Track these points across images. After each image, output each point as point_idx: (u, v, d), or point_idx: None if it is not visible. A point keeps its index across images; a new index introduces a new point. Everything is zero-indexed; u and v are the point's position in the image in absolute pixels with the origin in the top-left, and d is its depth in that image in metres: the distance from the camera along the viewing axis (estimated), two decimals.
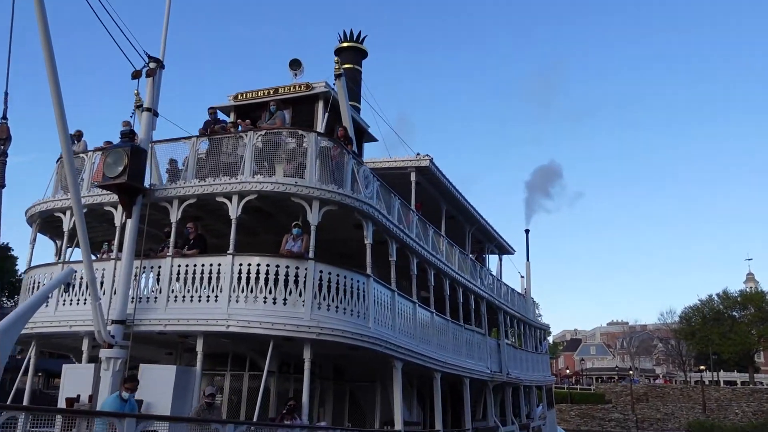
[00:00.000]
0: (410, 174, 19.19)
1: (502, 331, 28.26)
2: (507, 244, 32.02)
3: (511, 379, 26.62)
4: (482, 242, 29.30)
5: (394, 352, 14.87)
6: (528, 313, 34.81)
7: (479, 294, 23.96)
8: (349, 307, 13.55)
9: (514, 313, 30.27)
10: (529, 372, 31.75)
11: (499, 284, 29.27)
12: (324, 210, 13.67)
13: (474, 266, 24.84)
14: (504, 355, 26.78)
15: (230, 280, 13.20)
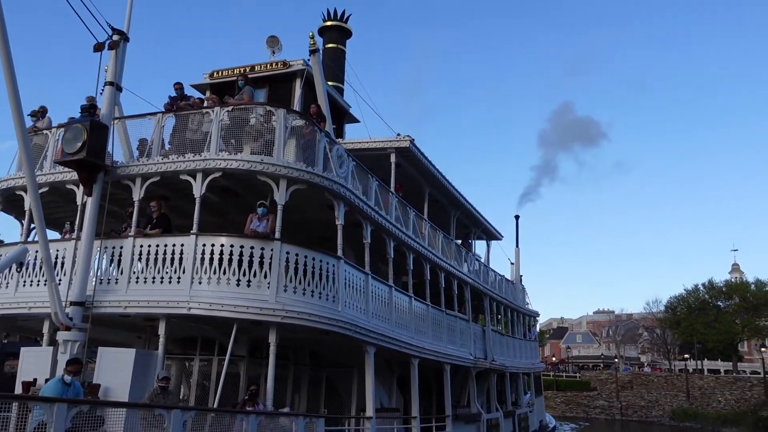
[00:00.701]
0: (390, 155, 18.31)
1: (488, 318, 27.49)
2: (494, 230, 31.18)
3: (496, 365, 25.86)
4: (468, 227, 28.47)
5: (366, 337, 14.14)
6: (516, 300, 34.05)
7: (463, 279, 23.24)
8: (318, 290, 12.80)
9: (500, 299, 29.55)
10: (516, 359, 31.05)
11: (486, 270, 28.46)
12: (292, 189, 12.90)
13: (459, 251, 24.05)
14: (489, 342, 26.05)
15: (193, 261, 12.45)
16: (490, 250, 32.79)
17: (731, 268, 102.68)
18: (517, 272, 36.88)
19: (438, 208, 23.53)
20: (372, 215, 15.11)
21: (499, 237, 32.89)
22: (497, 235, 32.52)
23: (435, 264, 20.01)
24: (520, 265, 37.33)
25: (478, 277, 26.27)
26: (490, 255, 32.79)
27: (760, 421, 41.55)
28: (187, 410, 9.23)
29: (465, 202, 24.60)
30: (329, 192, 13.49)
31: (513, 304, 32.45)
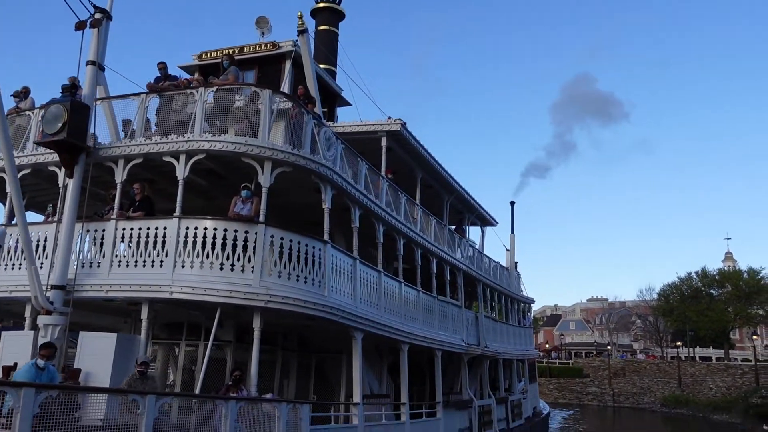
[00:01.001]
0: (381, 139, 17.93)
1: (481, 304, 27.19)
2: (488, 215, 30.72)
3: (488, 351, 25.50)
4: (462, 213, 28.04)
5: (353, 322, 13.84)
6: (511, 287, 33.68)
7: (456, 265, 22.93)
8: (303, 275, 12.48)
9: (494, 285, 29.17)
10: (510, 345, 30.67)
11: (480, 256, 28.08)
12: (277, 172, 12.54)
13: (452, 237, 23.69)
14: (482, 328, 25.73)
15: (176, 245, 12.13)
16: (484, 236, 32.53)
17: (724, 256, 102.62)
18: (512, 259, 36.42)
19: (431, 193, 23.19)
20: (360, 199, 14.76)
21: (493, 223, 32.49)
22: (492, 221, 32.11)
23: (426, 249, 19.68)
24: (515, 251, 36.99)
25: (472, 263, 25.93)
26: (484, 241, 32.52)
27: (750, 408, 41.47)
28: (163, 396, 8.88)
29: (458, 187, 24.18)
30: (316, 175, 13.13)
31: (507, 290, 32.11)
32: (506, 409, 27.63)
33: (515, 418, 28.89)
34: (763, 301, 70.86)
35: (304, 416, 11.38)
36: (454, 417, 21.04)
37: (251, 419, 10.78)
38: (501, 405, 26.98)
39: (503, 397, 27.71)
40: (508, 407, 27.94)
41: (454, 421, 20.96)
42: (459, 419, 21.51)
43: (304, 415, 11.38)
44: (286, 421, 10.82)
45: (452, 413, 20.81)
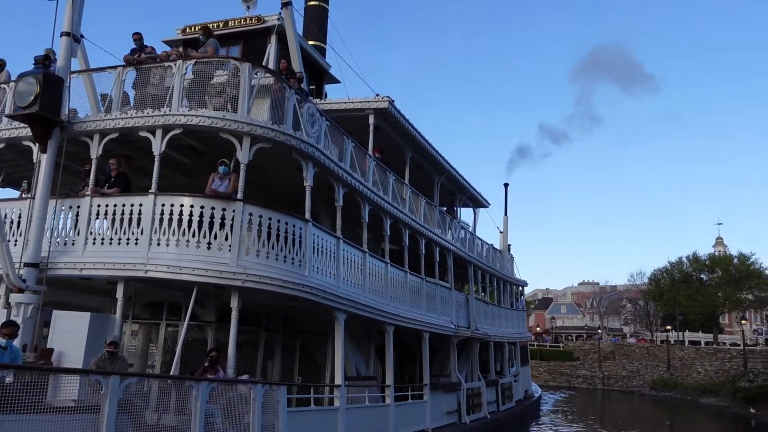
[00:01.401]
0: (368, 117, 17.41)
1: (471, 286, 26.75)
2: (480, 197, 30.03)
3: (478, 334, 25.09)
4: (454, 194, 27.41)
5: (335, 303, 13.42)
6: (504, 269, 33.16)
7: (445, 246, 22.51)
8: (283, 254, 12.03)
9: (486, 267, 28.68)
10: (501, 328, 30.21)
11: (472, 238, 27.60)
12: (256, 148, 12.04)
13: (443, 218, 23.21)
14: (472, 310, 25.33)
15: (152, 222, 11.66)
16: (477, 218, 31.93)
17: (715, 241, 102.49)
18: (505, 241, 35.89)
19: (421, 173, 22.68)
20: (344, 177, 14.28)
21: (485, 204, 31.81)
22: (484, 203, 31.45)
23: (415, 230, 19.23)
24: (508, 233, 36.38)
25: (463, 245, 25.45)
26: (476, 223, 31.88)
27: (738, 392, 41.28)
28: (127, 376, 8.45)
29: (449, 167, 23.59)
30: (297, 152, 12.63)
31: (499, 273, 31.62)
32: (496, 392, 27.22)
33: (506, 401, 28.46)
34: (752, 286, 70.82)
35: (281, 398, 10.97)
36: (442, 399, 20.70)
37: (226, 401, 10.38)
38: (491, 388, 26.57)
39: (493, 379, 27.30)
40: (499, 390, 27.52)
41: (442, 403, 20.62)
42: (447, 402, 21.15)
43: (281, 397, 10.97)
44: (262, 403, 10.41)
45: (439, 396, 20.47)
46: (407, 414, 17.38)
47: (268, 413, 10.73)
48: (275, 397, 10.88)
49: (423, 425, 18.44)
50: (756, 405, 38.53)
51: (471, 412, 22.95)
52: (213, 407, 10.17)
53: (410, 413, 17.73)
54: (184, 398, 9.72)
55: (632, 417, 39.58)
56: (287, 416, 11.11)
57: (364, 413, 14.85)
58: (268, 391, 10.72)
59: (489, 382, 26.31)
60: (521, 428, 28.50)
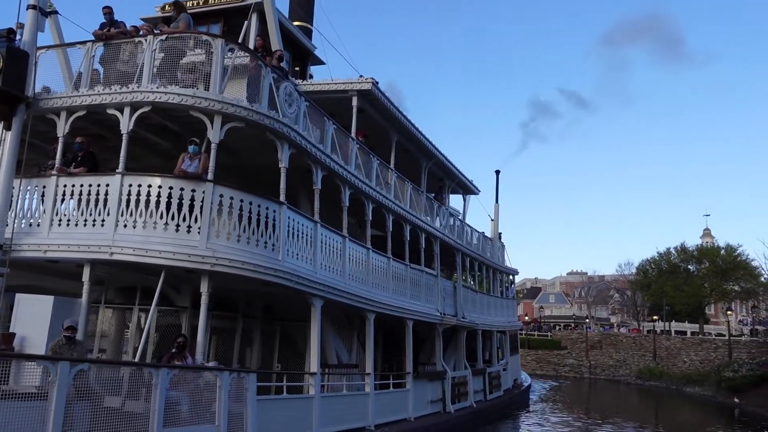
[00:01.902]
0: (351, 98, 16.80)
1: (459, 274, 26.11)
2: (470, 183, 29.11)
3: (464, 322, 24.38)
4: (442, 180, 26.54)
5: (311, 288, 12.88)
6: (494, 257, 32.35)
7: (432, 233, 21.88)
8: (255, 237, 11.48)
9: (475, 255, 27.95)
10: (490, 317, 29.48)
11: (461, 225, 26.91)
12: (228, 127, 11.44)
13: (431, 204, 22.61)
14: (460, 298, 24.69)
15: (118, 203, 11.07)
16: (467, 205, 30.96)
17: (703, 232, 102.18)
18: (495, 229, 34.86)
19: (408, 158, 21.94)
20: (323, 159, 13.69)
21: (475, 191, 30.83)
22: (473, 190, 30.43)
23: (399, 215, 18.63)
24: (499, 221, 35.28)
25: (452, 232, 24.82)
26: (466, 210, 30.88)
27: (723, 381, 41.10)
28: (78, 362, 7.91)
29: (436, 152, 22.80)
30: (271, 131, 12.04)
31: (489, 261, 30.85)
32: (484, 381, 26.51)
33: (493, 390, 27.74)
34: (738, 278, 70.49)
35: (250, 386, 10.45)
36: (425, 388, 20.15)
37: (193, 388, 9.87)
38: (478, 377, 25.85)
39: (480, 368, 26.57)
40: (486, 379, 26.78)
41: (425, 392, 20.08)
42: (431, 391, 20.59)
43: (250, 384, 10.46)
44: (229, 391, 9.90)
45: (423, 384, 19.96)
46: (388, 403, 16.89)
47: (236, 401, 10.23)
48: (244, 385, 10.37)
49: (405, 414, 17.95)
50: (740, 395, 38.38)
51: (456, 401, 22.36)
52: (179, 394, 9.66)
53: (391, 402, 17.24)
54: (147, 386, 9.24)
55: (619, 406, 39.32)
56: (257, 404, 10.60)
57: (341, 402, 14.34)
58: (235, 378, 10.20)
59: (476, 371, 25.65)
60: (508, 417, 27.82)
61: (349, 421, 14.33)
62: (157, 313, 13.86)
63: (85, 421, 8.51)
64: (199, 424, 9.50)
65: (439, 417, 20.20)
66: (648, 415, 34.24)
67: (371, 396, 15.56)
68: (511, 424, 26.81)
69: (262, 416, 10.78)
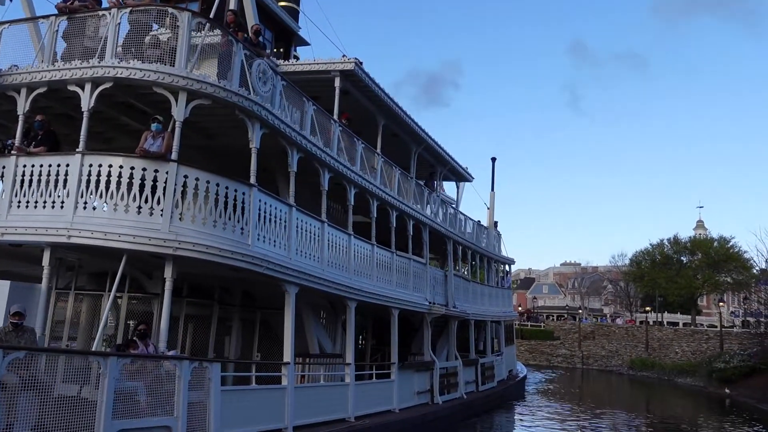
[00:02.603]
0: (334, 79, 15.98)
1: (450, 262, 25.14)
2: (463, 170, 27.92)
3: (454, 312, 23.52)
4: (434, 166, 25.48)
5: (284, 275, 12.17)
6: (489, 246, 31.36)
7: (420, 220, 21.01)
8: (222, 220, 10.74)
9: (468, 244, 26.94)
10: (484, 306, 28.56)
11: (454, 213, 26.02)
12: (194, 104, 10.71)
13: (421, 191, 21.84)
14: (451, 287, 23.85)
15: (78, 184, 10.34)
16: (460, 192, 29.87)
17: (696, 224, 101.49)
18: (491, 217, 33.64)
19: (397, 143, 21.03)
20: (299, 141, 12.94)
21: (469, 178, 29.55)
22: (467, 176, 29.16)
23: (385, 201, 17.86)
24: (494, 210, 33.97)
25: (445, 219, 23.98)
26: (460, 198, 29.83)
27: (714, 372, 40.58)
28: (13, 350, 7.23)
29: (426, 137, 21.79)
30: (240, 110, 11.29)
31: (483, 249, 29.82)
32: (476, 372, 25.53)
33: (486, 381, 26.79)
34: (731, 269, 70.20)
35: (213, 376, 9.78)
36: (411, 379, 19.30)
37: (152, 378, 9.20)
38: (470, 367, 24.91)
39: (472, 359, 25.61)
40: (478, 370, 25.79)
41: (411, 383, 19.24)
42: (418, 381, 19.73)
43: (213, 374, 9.78)
44: (189, 381, 9.23)
45: (409, 375, 19.17)
46: (370, 394, 16.16)
47: (198, 391, 9.56)
48: (207, 375, 9.70)
49: (389, 406, 17.18)
50: (731, 385, 37.85)
51: (445, 392, 21.54)
52: (136, 385, 9.00)
53: (374, 393, 16.51)
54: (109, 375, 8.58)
55: (611, 396, 38.83)
56: (221, 395, 9.93)
57: (318, 393, 13.63)
58: (197, 368, 9.52)
59: (468, 362, 24.71)
60: (500, 408, 26.65)
61: (327, 412, 13.65)
62: (128, 299, 13.30)
63: (33, 412, 7.87)
64: (157, 415, 8.84)
65: (425, 408, 19.44)
66: (639, 406, 33.73)
67: (351, 387, 14.87)
68: (500, 415, 25.89)
69: (227, 408, 10.12)
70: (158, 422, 8.71)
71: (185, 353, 14.45)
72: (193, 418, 9.34)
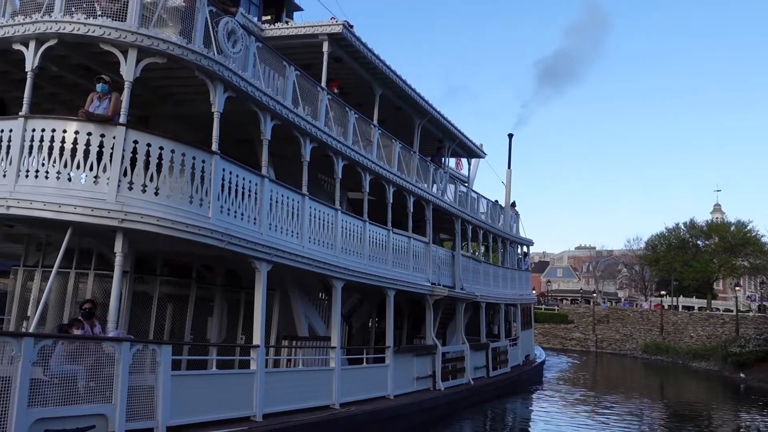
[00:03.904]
0: (322, 44, 14.56)
1: (458, 241, 23.34)
2: (474, 145, 25.76)
3: (461, 293, 21.83)
4: (442, 141, 23.42)
5: (252, 251, 10.94)
6: (505, 226, 29.22)
7: (422, 196, 19.40)
8: (178, 190, 9.50)
9: (479, 223, 24.99)
10: (498, 288, 26.75)
11: (465, 190, 24.34)
12: (145, 63, 9.47)
13: (424, 165, 20.36)
14: (458, 268, 22.25)
15: (20, 150, 9.19)
16: (472, 169, 27.94)
17: (713, 208, 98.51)
18: (507, 196, 31.25)
19: (400, 117, 19.54)
20: (272, 106, 11.62)
21: (481, 154, 27.36)
22: (478, 153, 26.97)
23: (379, 175, 16.50)
24: (511, 188, 31.56)
25: (454, 198, 22.38)
26: (472, 175, 27.98)
27: (729, 357, 39.22)
28: None
29: (429, 108, 19.95)
30: (200, 70, 10.02)
31: (497, 229, 27.74)
32: (487, 357, 23.78)
33: (499, 366, 24.98)
34: (748, 253, 68.20)
35: (163, 359, 8.66)
36: (410, 364, 17.91)
37: (94, 361, 8.11)
38: (480, 352, 23.30)
39: (483, 343, 23.87)
40: (489, 354, 24.02)
41: (410, 368, 17.87)
42: (418, 366, 18.32)
43: (163, 358, 8.66)
44: (130, 364, 8.12)
45: (407, 360, 17.75)
46: (360, 379, 14.91)
47: (144, 375, 8.46)
48: (155, 358, 8.58)
49: (382, 392, 15.91)
50: (746, 370, 36.46)
51: (449, 377, 20.01)
52: (75, 368, 7.93)
53: (364, 379, 15.25)
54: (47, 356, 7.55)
55: (629, 380, 37.23)
56: (172, 381, 8.82)
57: (295, 378, 12.43)
58: (140, 351, 8.40)
59: (477, 346, 23.13)
60: (511, 395, 24.71)
61: (307, 399, 12.47)
62: (94, 277, 12.23)
63: None
64: (91, 402, 7.74)
65: (425, 395, 18.03)
66: (656, 390, 32.40)
67: (337, 372, 13.65)
68: (513, 402, 24.13)
69: (181, 394, 9.00)
70: (89, 410, 7.62)
71: (165, 336, 13.47)
72: (137, 405, 8.24)
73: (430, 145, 22.73)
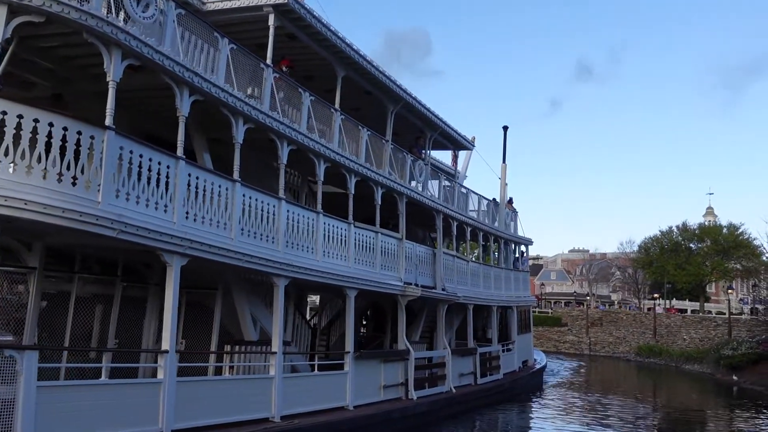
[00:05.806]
0: (267, 17, 12.87)
1: (440, 239, 21.68)
2: (459, 136, 23.17)
3: (441, 294, 19.88)
4: (422, 131, 21.30)
5: (158, 242, 9.33)
6: (500, 224, 27.03)
7: (393, 188, 17.54)
8: (55, 170, 7.93)
9: (466, 219, 22.91)
10: (489, 290, 24.57)
11: (450, 184, 22.41)
12: (19, 21, 7.89)
13: (404, 157, 18.65)
14: (440, 267, 20.34)
15: None
16: (459, 162, 26.13)
17: (705, 211, 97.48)
18: (502, 191, 28.96)
19: (372, 102, 17.79)
20: (189, 78, 9.92)
21: (468, 146, 25.08)
22: (465, 144, 24.47)
23: (337, 163, 14.77)
24: (506, 184, 29.24)
25: (437, 192, 20.73)
26: (458, 168, 26.17)
27: (722, 359, 38.39)
28: None
29: (400, 92, 17.90)
30: (89, 32, 8.39)
31: (489, 227, 25.54)
32: (474, 363, 21.69)
33: (489, 372, 22.89)
34: (740, 256, 67.53)
35: (25, 368, 7.07)
36: (376, 371, 16.02)
37: None
38: (466, 357, 21.32)
39: (469, 348, 21.89)
40: (477, 360, 21.90)
41: (376, 376, 16.01)
42: (386, 374, 16.39)
43: (24, 366, 7.07)
44: None
45: (371, 366, 15.85)
46: (309, 389, 13.24)
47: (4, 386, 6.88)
48: (13, 366, 7.00)
49: (340, 402, 14.15)
50: (738, 372, 35.44)
51: (425, 385, 18.08)
52: None
53: (318, 388, 13.53)
54: None
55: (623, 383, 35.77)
56: (38, 393, 7.22)
57: (220, 388, 10.76)
58: None
59: (464, 351, 21.27)
60: (506, 403, 22.59)
61: (238, 411, 10.82)
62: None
63: None
64: None
65: (393, 405, 16.10)
66: (649, 393, 31.29)
67: (277, 380, 11.97)
68: (502, 411, 21.89)
69: (52, 408, 7.40)
70: None
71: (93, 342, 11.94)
72: None
73: (410, 134, 20.83)
